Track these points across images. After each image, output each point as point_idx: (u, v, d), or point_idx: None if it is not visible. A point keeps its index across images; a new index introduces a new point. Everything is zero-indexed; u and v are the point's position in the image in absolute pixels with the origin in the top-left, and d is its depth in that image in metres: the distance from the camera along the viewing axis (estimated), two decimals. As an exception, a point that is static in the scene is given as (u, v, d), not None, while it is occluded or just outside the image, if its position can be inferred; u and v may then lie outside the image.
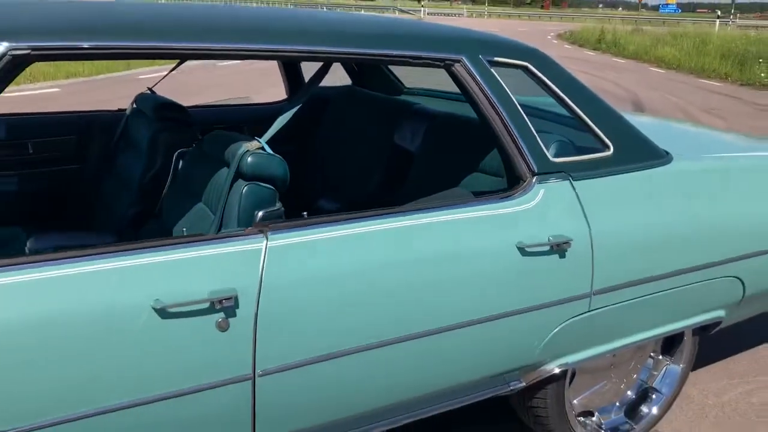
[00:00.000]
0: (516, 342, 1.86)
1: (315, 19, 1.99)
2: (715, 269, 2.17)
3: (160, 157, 2.32)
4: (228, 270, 1.43)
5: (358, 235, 1.60)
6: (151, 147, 2.33)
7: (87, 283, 1.31)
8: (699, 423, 2.51)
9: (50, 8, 1.66)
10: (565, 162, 1.90)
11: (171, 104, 2.43)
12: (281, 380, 1.50)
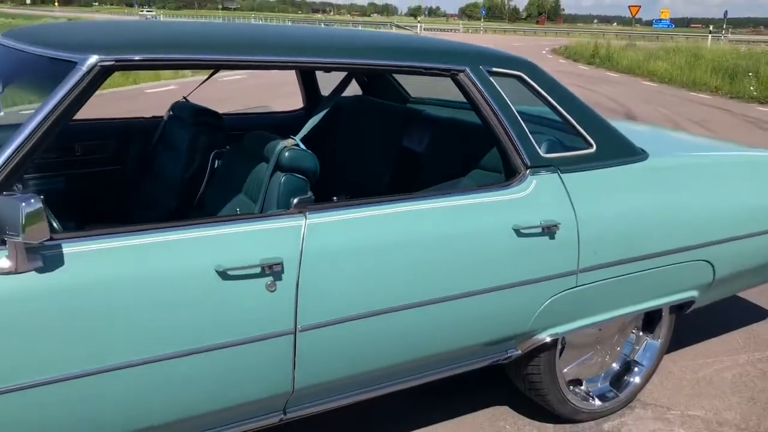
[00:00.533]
0: (513, 311, 2.16)
1: (343, 36, 2.32)
2: (686, 253, 2.48)
3: (198, 156, 2.63)
4: (275, 242, 1.74)
5: (380, 215, 1.91)
6: (190, 148, 2.64)
7: (167, 249, 1.61)
8: (677, 393, 2.81)
9: (127, 28, 1.98)
10: (554, 157, 2.22)
11: (207, 110, 2.74)
12: (317, 335, 1.80)
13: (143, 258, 1.59)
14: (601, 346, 2.63)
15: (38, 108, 1.58)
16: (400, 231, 1.93)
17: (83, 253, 1.53)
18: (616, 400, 2.65)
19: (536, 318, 2.21)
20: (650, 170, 2.42)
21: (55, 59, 1.71)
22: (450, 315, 2.02)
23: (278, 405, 1.89)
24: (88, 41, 1.76)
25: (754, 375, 2.98)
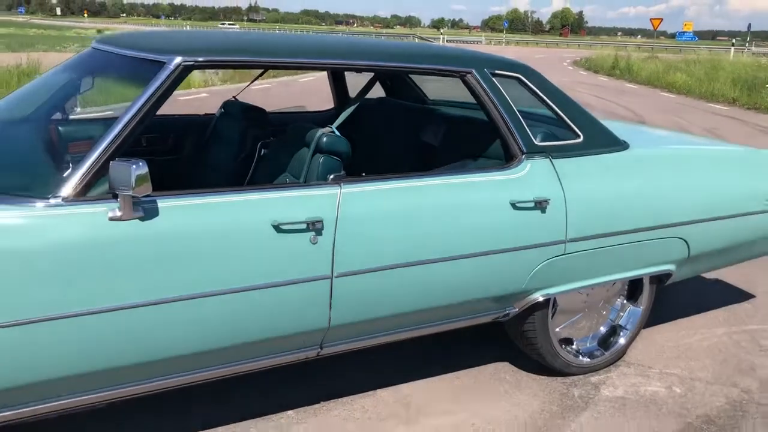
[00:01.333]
0: (510, 272, 2.59)
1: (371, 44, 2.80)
2: (663, 231, 2.89)
3: (247, 146, 3.11)
4: (317, 205, 2.19)
5: (400, 188, 2.37)
6: (241, 139, 3.12)
7: (234, 206, 2.07)
8: (658, 357, 3.21)
9: (201, 36, 2.47)
10: (546, 145, 2.66)
11: (254, 107, 3.22)
12: (349, 281, 2.25)
13: (216, 212, 2.05)
14: (590, 310, 3.05)
15: (137, 98, 2.05)
16: (417, 200, 2.38)
17: (172, 207, 2.00)
18: (603, 358, 3.07)
19: (530, 279, 2.64)
20: (630, 158, 2.85)
21: (147, 60, 2.19)
22: (457, 272, 2.46)
23: (316, 340, 2.34)
24: (173, 46, 2.23)
25: (728, 344, 3.38)
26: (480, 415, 2.66)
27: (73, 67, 2.74)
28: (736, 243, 3.20)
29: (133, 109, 2.02)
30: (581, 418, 2.68)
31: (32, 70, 13.78)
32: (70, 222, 1.87)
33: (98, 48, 2.64)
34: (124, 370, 2.01)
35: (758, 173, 3.24)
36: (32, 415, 1.97)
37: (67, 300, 1.85)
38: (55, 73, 2.79)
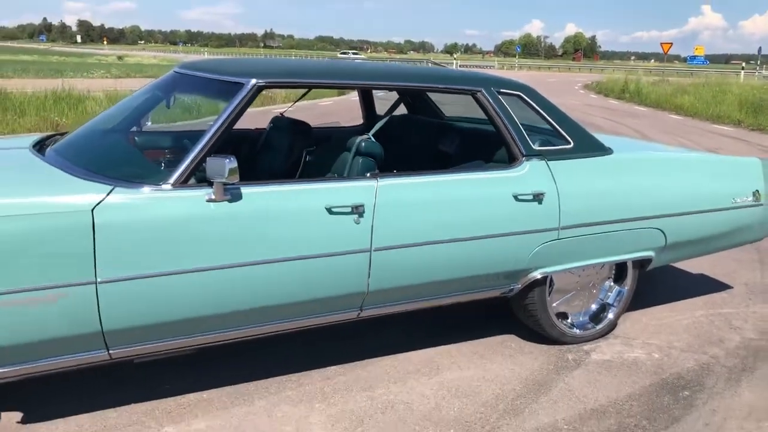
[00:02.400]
0: (513, 253, 3.17)
1: (400, 68, 3.43)
2: (642, 222, 3.47)
3: (294, 153, 3.73)
4: (359, 194, 2.79)
5: (424, 182, 2.97)
6: (289, 148, 3.75)
7: (297, 193, 2.69)
8: (641, 332, 3.77)
9: (270, 62, 3.12)
10: (542, 149, 3.26)
11: (301, 122, 3.85)
12: (384, 254, 2.84)
13: (283, 197, 2.67)
14: (582, 290, 3.62)
15: (222, 111, 2.68)
16: (437, 192, 2.98)
17: (251, 193, 2.61)
18: (593, 331, 3.63)
19: (530, 260, 3.23)
20: (613, 161, 3.45)
21: (228, 82, 2.82)
22: (470, 250, 3.05)
23: (357, 303, 2.93)
24: (248, 70, 2.86)
25: (704, 323, 3.93)
26: (489, 372, 3.24)
27: (159, 87, 3.38)
28: (707, 235, 3.78)
29: (220, 119, 2.65)
30: (573, 374, 3.25)
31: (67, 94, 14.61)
32: (177, 202, 2.50)
33: (180, 72, 3.29)
34: (212, 318, 2.61)
35: (724, 176, 3.82)
36: (150, 353, 2.57)
37: (175, 259, 2.46)
38: (145, 92, 3.43)
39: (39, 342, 2.33)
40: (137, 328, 2.49)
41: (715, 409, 2.96)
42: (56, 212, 2.32)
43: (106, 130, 3.28)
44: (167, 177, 2.53)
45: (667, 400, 3.03)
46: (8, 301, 2.23)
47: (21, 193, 2.40)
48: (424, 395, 2.98)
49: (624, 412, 2.91)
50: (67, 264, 2.30)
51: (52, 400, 2.78)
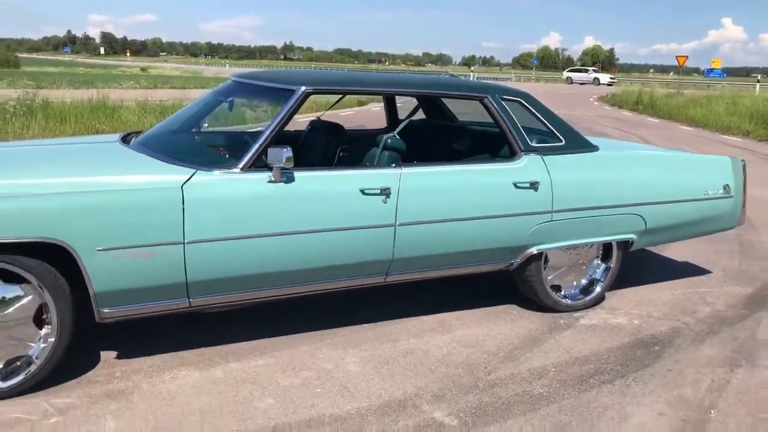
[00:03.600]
0: (513, 231, 3.82)
1: (420, 77, 4.11)
2: (624, 208, 4.11)
3: (330, 151, 4.41)
4: (387, 179, 3.46)
5: (440, 171, 3.64)
6: (326, 146, 4.43)
7: (336, 178, 3.37)
8: (625, 304, 4.40)
9: (316, 72, 3.81)
10: (538, 146, 3.92)
11: (336, 124, 4.54)
12: (406, 228, 3.50)
13: (327, 181, 3.35)
14: (573, 266, 4.26)
15: (278, 113, 3.36)
16: (451, 179, 3.65)
17: (302, 177, 3.29)
18: (583, 301, 4.26)
19: (527, 237, 3.88)
20: (598, 156, 4.10)
21: (281, 89, 3.52)
22: (477, 228, 3.70)
23: (383, 269, 3.60)
24: (299, 79, 3.55)
25: (681, 299, 4.55)
26: (493, 330, 3.88)
27: (220, 93, 4.09)
28: (682, 222, 4.41)
29: (277, 118, 3.33)
30: (563, 333, 3.89)
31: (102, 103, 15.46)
32: (245, 182, 3.18)
33: (238, 80, 3.99)
34: (270, 275, 3.28)
35: (698, 171, 4.46)
36: (221, 303, 3.25)
37: (243, 226, 3.14)
38: (207, 97, 4.14)
39: (141, 288, 3.01)
40: (212, 281, 3.17)
41: (679, 360, 3.58)
42: (154, 188, 3.02)
43: (177, 128, 3.99)
44: (237, 163, 3.22)
45: (640, 353, 3.65)
46: (117, 255, 2.92)
47: (128, 172, 3.11)
48: (438, 345, 3.64)
49: (602, 360, 3.54)
50: (162, 227, 2.99)
51: (141, 342, 3.47)
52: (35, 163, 3.34)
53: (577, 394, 3.16)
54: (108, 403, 2.90)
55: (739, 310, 4.35)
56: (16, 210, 2.76)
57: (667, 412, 3.02)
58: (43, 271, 2.84)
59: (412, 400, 3.04)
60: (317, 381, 3.18)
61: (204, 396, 2.99)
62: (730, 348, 3.76)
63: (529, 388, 3.19)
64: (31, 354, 2.94)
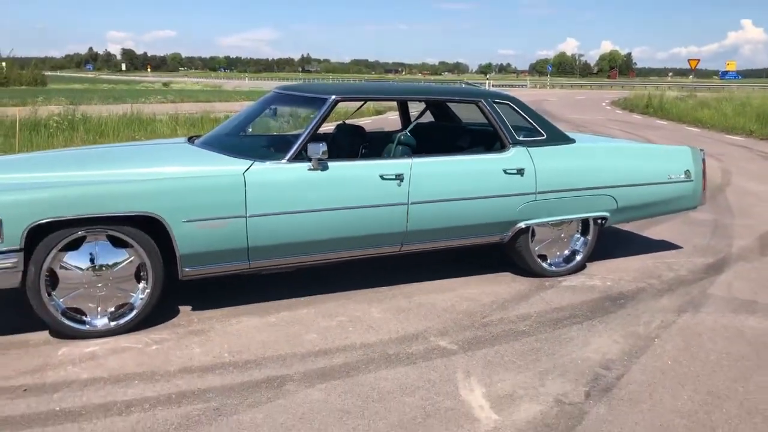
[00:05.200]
0: (504, 209, 4.72)
1: (427, 86, 5.05)
2: (597, 190, 5.00)
3: (354, 148, 5.35)
4: (401, 167, 4.39)
5: (444, 160, 4.57)
6: (351, 144, 5.36)
7: (360, 166, 4.30)
8: (601, 272, 5.26)
9: (345, 84, 4.77)
10: (524, 140, 4.83)
11: (359, 126, 5.48)
12: (417, 206, 4.42)
13: (354, 169, 4.29)
14: (556, 240, 5.14)
15: (313, 117, 4.30)
16: (452, 167, 4.57)
17: (335, 166, 4.22)
18: (566, 268, 5.14)
19: (516, 214, 4.77)
20: (575, 147, 5.00)
21: (316, 98, 4.46)
22: (475, 206, 4.60)
23: (399, 239, 4.51)
24: (330, 90, 4.49)
25: (650, 266, 5.41)
26: (489, 290, 4.78)
27: (265, 102, 5.04)
28: (649, 202, 5.28)
29: (314, 121, 4.27)
30: (547, 291, 4.77)
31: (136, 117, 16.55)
32: (291, 170, 4.12)
33: (280, 92, 4.95)
34: (311, 243, 4.21)
35: (662, 159, 5.34)
36: (273, 265, 4.18)
37: (289, 204, 4.07)
38: (255, 105, 5.09)
39: (214, 251, 3.95)
40: (267, 247, 4.10)
41: (638, 308, 4.46)
42: (224, 174, 3.96)
43: (230, 131, 4.95)
44: (284, 156, 4.16)
45: (607, 304, 4.53)
46: (198, 225, 3.86)
47: (203, 163, 4.07)
48: (444, 300, 4.55)
49: (576, 309, 4.43)
50: (229, 204, 3.93)
51: (211, 298, 4.41)
52: (132, 158, 4.32)
53: (552, 330, 4.05)
54: (191, 338, 3.84)
55: (698, 275, 5.21)
56: (127, 191, 3.72)
57: (621, 341, 3.90)
58: (142, 238, 3.79)
59: (422, 334, 3.95)
60: (349, 323, 4.10)
61: (263, 333, 3.92)
62: (683, 300, 4.62)
63: (514, 327, 4.09)
64: (133, 302, 3.89)
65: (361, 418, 2.97)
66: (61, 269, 3.69)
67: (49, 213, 3.55)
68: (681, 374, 3.47)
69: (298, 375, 3.38)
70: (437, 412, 3.04)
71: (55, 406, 3.04)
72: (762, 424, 2.99)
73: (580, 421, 2.99)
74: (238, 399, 3.12)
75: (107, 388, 3.22)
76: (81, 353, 3.60)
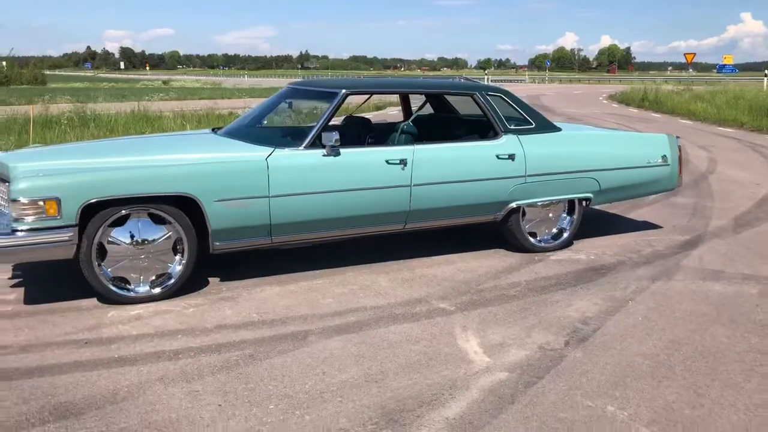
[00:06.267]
0: (497, 191, 5.26)
1: (428, 81, 5.60)
2: (581, 174, 5.54)
3: (362, 136, 5.89)
4: (404, 153, 4.92)
5: (442, 146, 5.12)
6: (358, 133, 5.90)
7: (369, 152, 4.85)
8: (589, 247, 5.80)
9: (355, 80, 5.34)
10: (514, 128, 5.37)
11: (365, 118, 6.02)
12: (419, 188, 4.96)
13: (363, 155, 4.83)
14: (545, 218, 5.68)
15: (326, 109, 4.84)
16: (450, 153, 5.11)
17: (346, 152, 4.76)
18: (554, 244, 5.69)
19: (508, 195, 5.31)
20: (561, 135, 5.55)
21: (328, 92, 5.00)
22: (471, 188, 5.14)
23: (403, 218, 5.05)
24: (341, 84, 5.03)
25: (631, 243, 5.96)
26: (485, 263, 5.32)
27: (283, 95, 5.58)
28: (629, 184, 5.83)
29: (326, 113, 4.81)
30: (536, 264, 5.31)
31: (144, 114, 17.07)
32: (308, 156, 4.66)
33: (294, 87, 5.49)
34: (326, 221, 4.75)
35: (641, 145, 5.89)
36: (292, 241, 4.72)
37: (306, 186, 4.61)
38: (272, 99, 5.63)
39: (241, 228, 4.49)
40: (287, 224, 4.64)
41: (617, 277, 5.00)
42: (249, 160, 4.50)
43: (249, 123, 5.49)
44: (301, 143, 4.70)
45: (590, 274, 5.08)
46: (227, 204, 4.40)
47: (230, 150, 4.62)
48: (444, 272, 5.09)
49: (561, 278, 4.97)
50: (254, 186, 4.47)
51: (238, 270, 4.96)
52: (167, 146, 4.87)
53: (539, 294, 4.60)
54: (223, 302, 4.39)
55: (674, 250, 5.75)
56: (166, 174, 4.27)
57: (599, 303, 4.45)
58: (179, 215, 4.33)
59: (424, 299, 4.50)
60: (360, 290, 4.65)
61: (285, 298, 4.47)
62: (657, 270, 5.16)
63: (505, 292, 4.64)
64: (171, 272, 4.43)
65: (374, 360, 3.52)
66: (109, 243, 4.23)
67: (100, 193, 4.09)
68: (649, 327, 4.02)
69: (318, 330, 3.93)
70: (438, 356, 3.59)
71: (114, 354, 3.59)
72: (713, 362, 3.53)
73: (559, 362, 3.53)
74: (268, 347, 3.67)
75: (155, 340, 3.77)
76: (128, 315, 4.15)
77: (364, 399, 3.11)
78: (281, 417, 2.95)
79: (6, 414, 2.96)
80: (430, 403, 3.08)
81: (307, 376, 3.34)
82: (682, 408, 3.05)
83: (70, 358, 3.52)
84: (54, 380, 3.28)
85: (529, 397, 3.15)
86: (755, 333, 3.94)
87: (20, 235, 3.99)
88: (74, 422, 2.89)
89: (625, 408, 3.05)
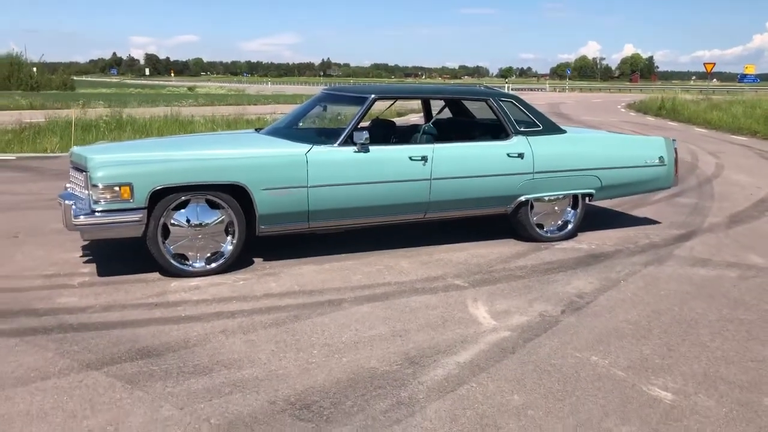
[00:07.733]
0: (508, 185, 5.91)
1: (445, 87, 6.28)
2: (585, 171, 6.18)
3: (387, 137, 6.57)
4: (425, 150, 5.60)
5: (458, 146, 5.79)
6: (384, 134, 6.58)
7: (393, 150, 5.53)
8: (591, 238, 6.43)
9: (383, 86, 6.02)
10: (524, 130, 6.03)
11: (390, 120, 6.71)
12: (438, 181, 5.63)
13: (389, 152, 5.51)
14: (552, 212, 6.32)
15: (356, 112, 5.54)
16: (466, 151, 5.78)
17: (374, 149, 5.44)
18: (560, 235, 6.32)
19: (517, 190, 5.96)
20: (566, 137, 6.20)
21: (359, 96, 5.70)
22: (484, 182, 5.80)
23: (423, 208, 5.72)
24: (370, 90, 5.72)
25: (630, 235, 6.57)
26: (496, 250, 5.97)
27: (318, 100, 6.29)
28: (629, 182, 6.46)
29: (357, 115, 5.51)
30: (542, 252, 5.95)
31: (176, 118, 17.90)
32: (341, 151, 5.36)
33: (327, 92, 6.20)
34: (357, 209, 5.43)
35: (640, 147, 6.52)
36: (328, 227, 5.41)
37: (339, 178, 5.30)
38: (307, 103, 6.34)
39: (285, 213, 5.19)
40: (322, 211, 5.33)
41: (613, 263, 5.63)
42: (291, 154, 5.21)
43: (288, 124, 6.20)
44: (335, 141, 5.40)
45: (589, 260, 5.71)
46: (272, 192, 5.10)
47: (274, 147, 5.33)
48: (459, 256, 5.75)
49: (564, 263, 5.61)
50: (295, 177, 5.17)
51: (278, 252, 5.66)
52: (219, 143, 5.60)
53: (542, 275, 5.24)
54: (267, 277, 5.09)
55: (668, 242, 6.36)
56: (222, 166, 4.98)
57: (595, 282, 5.08)
58: (231, 202, 5.04)
59: (441, 277, 5.16)
60: (385, 270, 5.32)
61: (321, 275, 5.16)
62: (651, 258, 5.78)
63: (513, 273, 5.29)
64: (223, 250, 5.14)
65: (398, 321, 4.19)
66: (172, 225, 4.95)
67: (166, 180, 4.81)
68: (636, 301, 4.65)
69: (351, 298, 4.61)
70: (452, 318, 4.25)
71: (180, 313, 4.29)
72: (686, 327, 4.16)
73: (555, 325, 4.18)
74: (309, 310, 4.36)
75: (214, 304, 4.47)
76: (188, 285, 4.86)
77: (390, 348, 3.78)
78: (323, 359, 3.63)
79: (101, 353, 3.67)
80: (444, 351, 3.74)
81: (343, 331, 4.02)
82: (654, 359, 3.69)
83: (145, 316, 4.23)
84: (135, 331, 3.99)
85: (527, 349, 3.80)
86: (728, 306, 4.56)
87: (99, 215, 4.72)
88: (157, 359, 3.59)
89: (606, 358, 3.69)
